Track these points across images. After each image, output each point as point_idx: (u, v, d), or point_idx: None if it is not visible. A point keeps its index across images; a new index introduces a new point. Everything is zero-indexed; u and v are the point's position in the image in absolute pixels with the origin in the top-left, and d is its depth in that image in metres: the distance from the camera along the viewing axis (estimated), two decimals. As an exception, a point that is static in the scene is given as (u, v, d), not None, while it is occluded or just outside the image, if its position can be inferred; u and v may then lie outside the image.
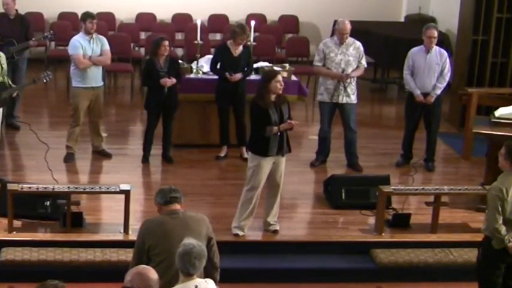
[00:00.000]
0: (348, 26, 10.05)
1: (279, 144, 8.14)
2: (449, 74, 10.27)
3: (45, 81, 9.79)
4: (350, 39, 10.13)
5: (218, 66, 10.29)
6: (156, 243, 5.86)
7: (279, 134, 8.08)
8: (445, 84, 10.24)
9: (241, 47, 10.24)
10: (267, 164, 8.14)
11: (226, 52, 10.23)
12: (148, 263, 5.74)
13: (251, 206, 8.26)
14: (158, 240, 5.86)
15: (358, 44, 10.17)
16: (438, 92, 10.20)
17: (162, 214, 6.02)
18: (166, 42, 9.91)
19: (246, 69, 10.29)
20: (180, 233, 5.71)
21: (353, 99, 10.18)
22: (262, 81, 8.18)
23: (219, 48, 10.43)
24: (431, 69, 10.18)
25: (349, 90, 10.07)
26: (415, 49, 10.34)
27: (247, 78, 10.36)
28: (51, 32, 11.39)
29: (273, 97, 8.08)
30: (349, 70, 10.02)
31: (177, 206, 6.00)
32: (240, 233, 8.34)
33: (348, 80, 10.01)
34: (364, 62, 10.20)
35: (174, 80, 9.90)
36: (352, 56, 10.07)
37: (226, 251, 6.87)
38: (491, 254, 6.77)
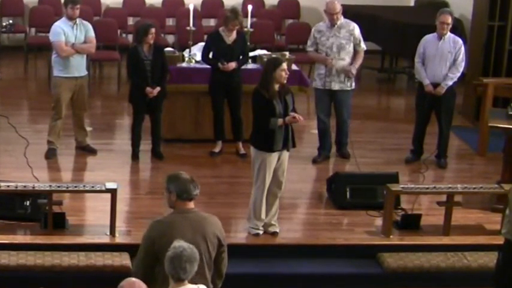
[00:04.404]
0: (337, 6, 10.06)
1: (284, 138, 8.15)
2: (463, 64, 10.24)
3: None
4: (344, 21, 10.15)
5: (210, 56, 10.28)
6: (166, 245, 5.81)
7: (283, 127, 8.10)
8: (458, 74, 10.22)
9: (234, 34, 10.20)
10: (273, 159, 8.16)
11: (219, 40, 10.20)
12: (155, 265, 5.79)
13: (264, 204, 8.31)
14: (168, 242, 5.80)
15: (353, 25, 10.18)
16: (450, 82, 10.18)
17: (174, 210, 5.94)
18: (154, 30, 9.88)
19: (241, 57, 10.27)
20: (191, 235, 5.74)
21: (348, 85, 10.21)
22: (267, 70, 8.16)
23: (211, 36, 10.40)
24: (442, 57, 10.17)
25: (342, 75, 10.11)
26: (427, 36, 10.35)
27: (243, 67, 10.34)
28: None
29: (276, 87, 8.09)
30: (343, 54, 10.07)
31: (192, 205, 5.97)
32: (260, 232, 8.39)
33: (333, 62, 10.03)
34: (363, 45, 10.23)
35: (158, 89, 9.88)
36: (345, 39, 10.09)
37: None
38: None
